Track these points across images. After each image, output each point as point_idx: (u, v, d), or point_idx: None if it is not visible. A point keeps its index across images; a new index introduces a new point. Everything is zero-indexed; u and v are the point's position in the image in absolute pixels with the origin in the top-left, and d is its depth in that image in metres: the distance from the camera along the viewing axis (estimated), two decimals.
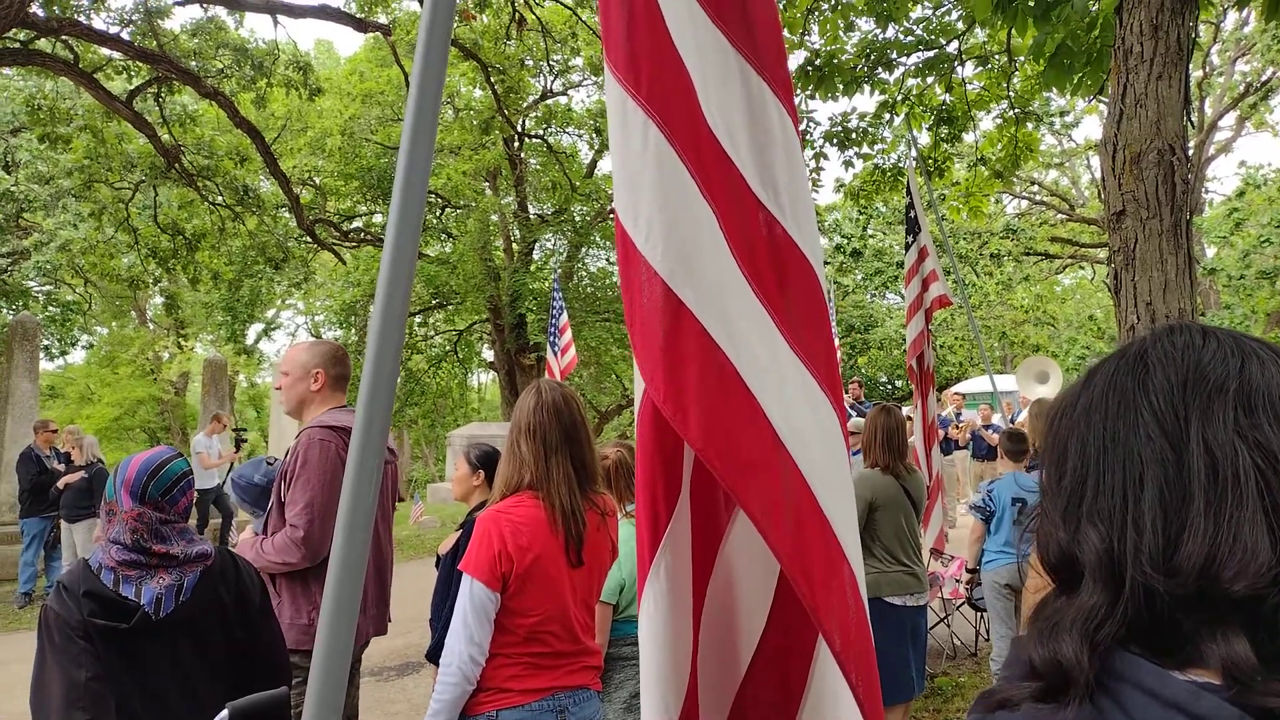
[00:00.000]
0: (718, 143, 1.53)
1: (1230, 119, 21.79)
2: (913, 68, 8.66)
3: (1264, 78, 19.80)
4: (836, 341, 17.60)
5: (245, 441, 12.43)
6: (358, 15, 13.06)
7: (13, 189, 16.86)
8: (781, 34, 1.69)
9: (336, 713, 1.19)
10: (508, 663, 2.45)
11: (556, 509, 2.48)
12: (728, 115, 1.55)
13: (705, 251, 1.46)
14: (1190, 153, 3.79)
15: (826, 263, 27.53)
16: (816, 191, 10.53)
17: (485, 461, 3.76)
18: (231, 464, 11.99)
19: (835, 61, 7.91)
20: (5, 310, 20.50)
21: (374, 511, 1.26)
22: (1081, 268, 28.83)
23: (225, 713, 2.23)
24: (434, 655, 3.32)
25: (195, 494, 2.47)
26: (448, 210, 22.20)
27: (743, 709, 1.63)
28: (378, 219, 23.72)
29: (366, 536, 1.22)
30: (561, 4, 15.34)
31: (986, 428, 13.13)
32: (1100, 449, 0.78)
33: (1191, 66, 3.93)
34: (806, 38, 8.05)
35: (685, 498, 1.58)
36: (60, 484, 9.26)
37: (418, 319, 24.12)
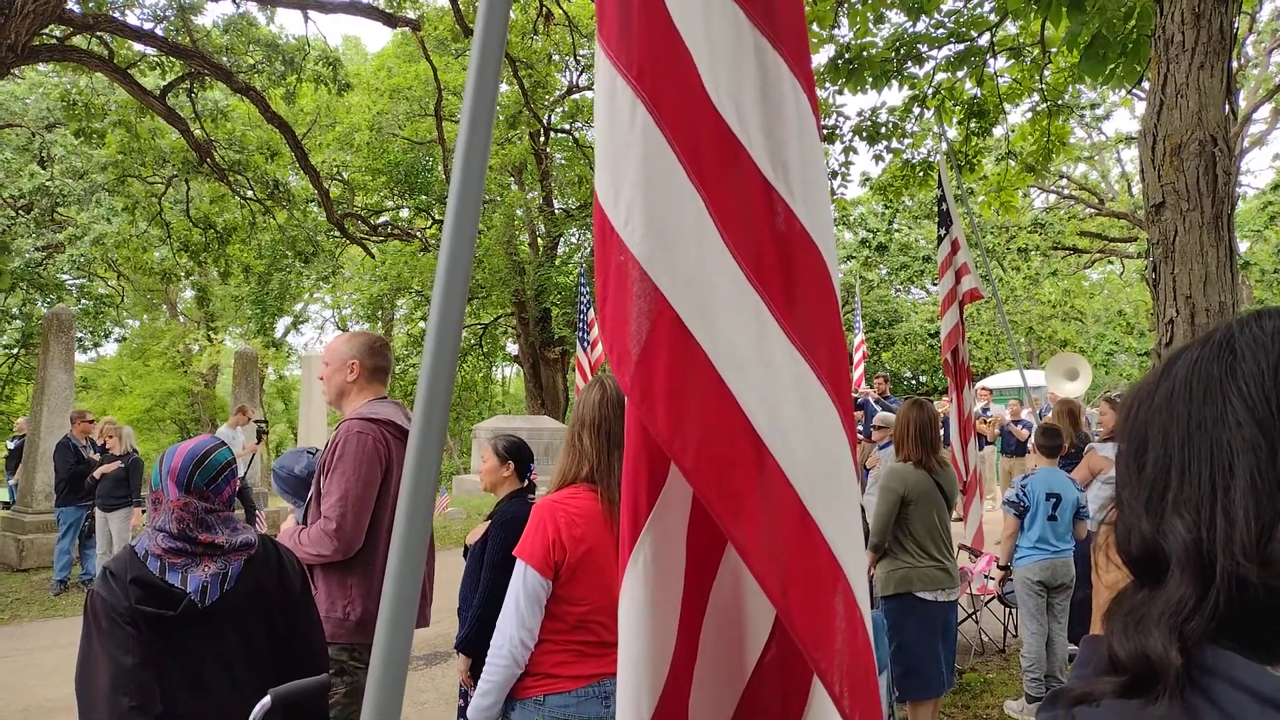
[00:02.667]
0: (723, 122, 1.45)
1: (1265, 111, 21.38)
2: (943, 61, 8.58)
3: None
4: (861, 335, 17.52)
5: (267, 434, 12.56)
6: (387, 10, 13.13)
7: (48, 183, 17.12)
8: (803, 10, 1.61)
9: (396, 709, 1.20)
10: (556, 649, 2.49)
11: (614, 503, 2.48)
12: (737, 92, 1.47)
13: (688, 238, 1.39)
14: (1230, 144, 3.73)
15: (851, 257, 27.38)
16: (845, 186, 10.42)
17: (513, 452, 3.78)
18: (253, 456, 12.13)
19: (865, 55, 7.86)
20: (40, 303, 20.83)
21: (432, 506, 1.27)
22: (1110, 262, 28.45)
23: (267, 699, 2.27)
24: (463, 645, 3.34)
25: (239, 483, 2.50)
26: None
27: (746, 714, 1.57)
28: (405, 213, 23.88)
29: (426, 531, 1.23)
30: None
31: (1015, 423, 13.01)
32: (1185, 437, 0.76)
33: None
34: (836, 31, 8.00)
35: (681, 492, 1.51)
36: (97, 473, 9.41)
37: None
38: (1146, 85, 3.85)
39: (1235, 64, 18.23)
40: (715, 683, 1.57)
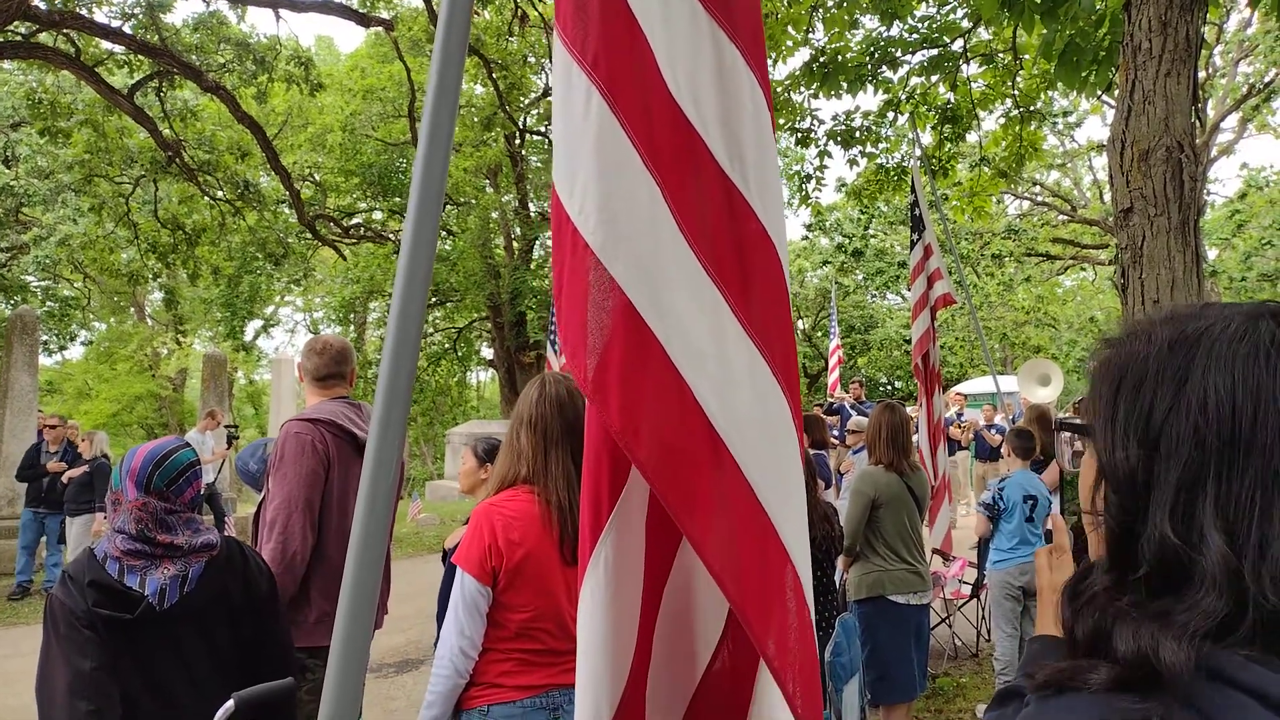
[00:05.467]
0: (679, 111, 1.44)
1: (1232, 120, 21.76)
2: (917, 66, 8.64)
3: (1266, 79, 19.78)
4: (837, 340, 17.61)
5: (238, 439, 12.44)
6: (360, 10, 13.04)
7: (12, 183, 16.83)
8: (759, 7, 1.60)
9: (355, 707, 1.17)
10: (500, 658, 2.41)
11: (552, 505, 2.42)
12: (694, 83, 1.45)
13: (642, 226, 1.37)
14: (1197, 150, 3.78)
15: (827, 262, 27.52)
16: (820, 190, 10.48)
17: (493, 455, 3.76)
18: (223, 461, 11.99)
19: (839, 59, 7.90)
20: (4, 305, 20.47)
21: (391, 511, 1.24)
22: (1083, 269, 28.82)
23: (231, 703, 2.22)
24: None
25: (203, 484, 2.45)
26: (448, 207, 22.20)
27: (696, 715, 1.55)
28: (378, 215, 23.74)
29: (383, 536, 1.20)
30: None
31: (989, 428, 13.11)
32: (1227, 443, 0.70)
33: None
34: (811, 35, 8.03)
35: (641, 491, 1.48)
36: (64, 478, 9.30)
37: None
38: (1117, 92, 3.89)
39: (1203, 74, 18.58)
40: (668, 684, 1.55)
